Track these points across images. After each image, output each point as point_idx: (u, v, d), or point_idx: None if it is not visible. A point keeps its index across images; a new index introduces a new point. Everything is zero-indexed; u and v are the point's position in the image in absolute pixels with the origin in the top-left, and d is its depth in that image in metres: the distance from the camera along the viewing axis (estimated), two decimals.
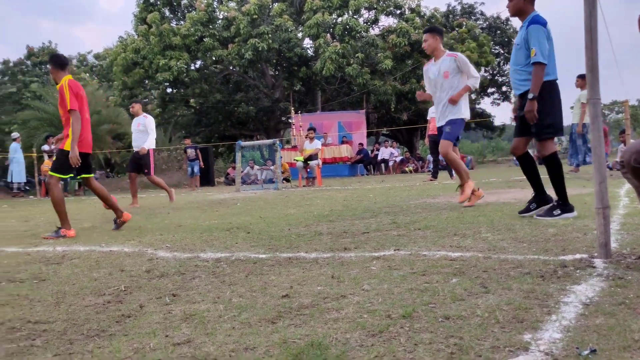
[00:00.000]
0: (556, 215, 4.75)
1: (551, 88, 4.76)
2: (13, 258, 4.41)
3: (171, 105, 29.18)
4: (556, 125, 4.81)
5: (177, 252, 4.19)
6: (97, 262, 3.99)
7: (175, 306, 2.61)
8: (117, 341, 2.14)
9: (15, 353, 2.09)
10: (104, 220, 7.21)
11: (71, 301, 2.84)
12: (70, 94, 5.75)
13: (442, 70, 6.32)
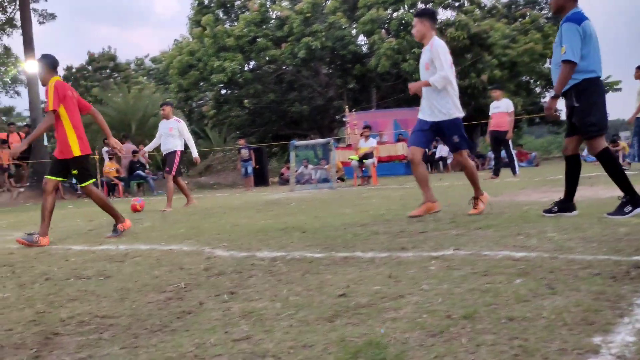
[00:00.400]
0: (627, 213, 4.57)
1: (589, 85, 4.68)
2: (79, 256, 4.58)
3: (225, 106, 29.64)
4: (599, 123, 4.71)
5: (234, 251, 4.25)
6: (158, 260, 4.09)
7: (233, 303, 2.66)
8: (179, 336, 2.21)
9: (85, 345, 2.18)
10: (162, 220, 7.39)
11: (135, 297, 2.94)
12: (54, 95, 5.61)
13: (423, 60, 5.66)
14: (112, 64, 39.18)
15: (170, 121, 9.98)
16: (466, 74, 25.37)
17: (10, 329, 2.49)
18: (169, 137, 9.87)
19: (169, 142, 9.88)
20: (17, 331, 2.45)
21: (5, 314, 2.78)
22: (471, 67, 25.35)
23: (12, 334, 2.41)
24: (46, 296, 3.13)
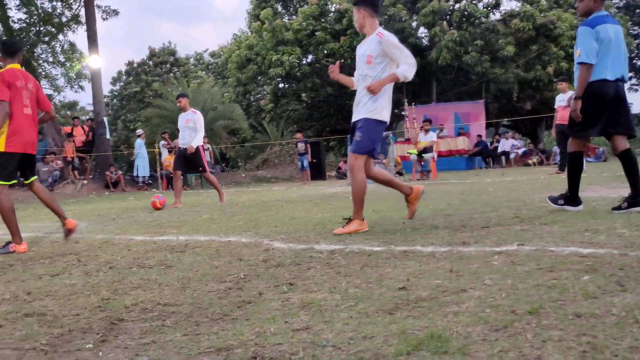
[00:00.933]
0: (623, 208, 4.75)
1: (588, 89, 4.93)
2: (141, 246, 4.72)
3: (283, 100, 29.88)
4: (584, 126, 4.98)
5: (292, 244, 4.30)
6: (217, 251, 4.17)
7: (292, 294, 2.69)
8: (239, 325, 2.25)
9: (148, 331, 2.25)
10: (221, 213, 7.52)
11: (195, 286, 3.01)
12: (1, 84, 5.02)
13: (363, 52, 4.92)
14: (172, 58, 40.04)
15: (187, 113, 9.87)
16: (531, 66, 24.76)
17: (78, 314, 2.59)
18: (186, 130, 9.78)
19: (187, 135, 9.75)
20: (84, 316, 2.55)
21: (72, 299, 2.89)
22: (537, 59, 24.71)
23: (80, 319, 2.51)
24: (110, 284, 3.23)
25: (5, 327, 2.44)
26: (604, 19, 4.96)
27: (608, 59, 4.90)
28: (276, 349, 1.94)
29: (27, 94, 5.25)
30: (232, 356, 1.89)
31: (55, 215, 5.62)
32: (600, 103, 4.93)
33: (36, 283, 3.39)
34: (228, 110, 26.54)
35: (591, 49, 4.84)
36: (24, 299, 2.97)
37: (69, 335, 2.28)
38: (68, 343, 2.18)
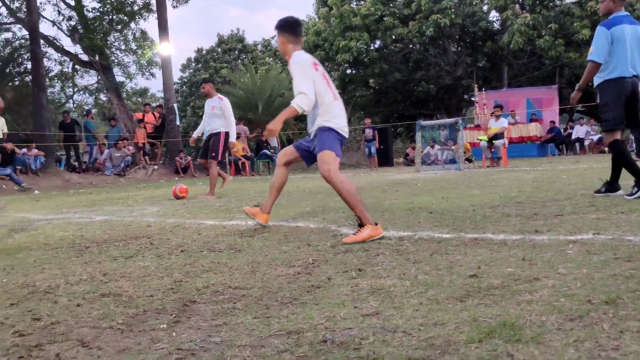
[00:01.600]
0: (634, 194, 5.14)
1: (608, 85, 5.35)
2: (211, 230, 4.84)
3: (350, 86, 29.79)
4: (614, 119, 5.33)
5: None
6: (286, 236, 4.23)
7: (361, 280, 2.70)
8: (309, 309, 2.28)
9: (220, 313, 2.31)
10: (288, 198, 7.60)
11: (265, 270, 3.06)
12: None
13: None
14: (240, 45, 40.52)
15: (213, 99, 9.15)
16: None
17: (152, 295, 2.68)
18: (212, 117, 9.11)
19: (213, 122, 9.08)
20: (157, 297, 2.64)
21: (146, 281, 3.00)
22: None
23: (154, 300, 2.59)
24: (182, 266, 3.33)
25: (84, 307, 2.55)
26: (622, 19, 5.33)
27: (626, 57, 5.25)
28: (346, 333, 1.95)
29: None
30: (303, 339, 1.92)
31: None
32: (622, 97, 5.30)
33: (111, 265, 3.53)
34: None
35: (603, 49, 5.26)
36: (100, 280, 3.09)
37: (144, 315, 2.37)
38: (143, 323, 2.26)
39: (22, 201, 11.10)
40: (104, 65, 22.16)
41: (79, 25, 22.55)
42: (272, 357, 1.78)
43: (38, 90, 19.21)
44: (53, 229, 5.67)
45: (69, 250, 4.19)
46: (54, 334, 2.17)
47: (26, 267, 3.60)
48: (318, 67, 4.50)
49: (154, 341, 2.02)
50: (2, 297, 2.83)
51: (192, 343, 1.97)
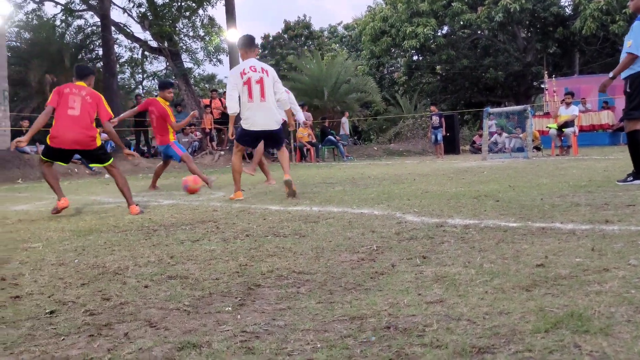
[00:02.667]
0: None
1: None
2: (276, 215, 4.89)
3: (417, 72, 29.47)
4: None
5: (425, 217, 4.26)
6: (350, 222, 4.23)
7: (425, 267, 2.67)
8: (372, 295, 2.27)
9: (284, 298, 2.34)
10: (353, 185, 7.60)
11: (329, 256, 3.07)
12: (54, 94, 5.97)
13: None
14: (306, 32, 40.66)
15: None
16: None
17: (217, 278, 2.73)
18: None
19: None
20: (223, 280, 2.69)
21: (212, 264, 3.06)
22: None
23: (219, 283, 2.65)
24: (247, 250, 3.38)
25: (152, 288, 2.62)
26: None
27: None
28: (410, 320, 1.94)
29: (77, 99, 5.95)
30: (366, 325, 1.92)
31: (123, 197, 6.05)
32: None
33: (178, 248, 3.62)
34: (361, 82, 26.59)
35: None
36: (167, 262, 3.17)
37: (210, 297, 2.42)
38: (209, 305, 2.31)
39: (92, 184, 11.53)
40: (172, 51, 22.65)
41: (148, 12, 23.06)
42: (336, 341, 1.79)
43: (109, 76, 19.84)
44: (122, 212, 5.86)
45: (137, 233, 4.32)
46: (123, 314, 2.25)
47: (97, 249, 3.73)
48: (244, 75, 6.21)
49: (219, 323, 2.06)
50: (74, 277, 2.95)
51: (256, 326, 2.00)
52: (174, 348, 1.83)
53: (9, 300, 2.55)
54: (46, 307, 2.39)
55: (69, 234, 4.47)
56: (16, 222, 5.42)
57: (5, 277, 3.00)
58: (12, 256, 3.62)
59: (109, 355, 1.81)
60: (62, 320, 2.20)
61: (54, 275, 3.01)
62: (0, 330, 2.14)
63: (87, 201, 7.52)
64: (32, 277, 2.98)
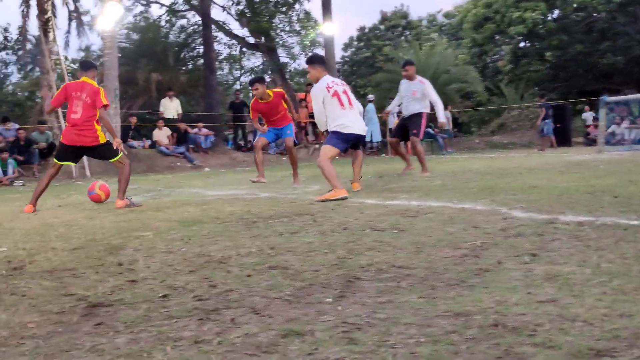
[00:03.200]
0: None
1: None
2: (373, 209, 4.90)
3: (524, 60, 28.56)
4: None
5: (533, 213, 4.14)
6: (450, 217, 4.18)
7: (535, 265, 2.61)
8: (477, 292, 2.25)
9: (384, 291, 2.36)
10: (454, 179, 7.50)
11: (429, 251, 3.06)
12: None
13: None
14: (404, 21, 40.24)
15: (414, 83, 9.00)
16: None
17: (317, 270, 2.79)
18: (411, 101, 9.02)
19: (412, 105, 9.04)
20: (322, 272, 2.74)
21: (311, 256, 3.12)
22: None
23: (319, 275, 2.70)
24: (345, 244, 3.42)
25: (254, 277, 2.72)
26: None
27: None
28: (519, 318, 1.90)
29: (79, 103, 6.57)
30: (471, 322, 1.90)
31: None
32: None
33: (277, 239, 3.71)
34: (462, 72, 26.06)
35: None
36: (268, 253, 3.27)
37: (310, 288, 2.47)
38: (309, 295, 2.36)
39: (194, 177, 11.99)
40: (269, 47, 23.20)
41: (246, 9, 23.75)
42: (440, 337, 1.79)
43: (209, 73, 20.58)
44: (223, 204, 6.06)
45: (238, 225, 4.46)
46: (229, 301, 2.36)
47: (201, 239, 3.90)
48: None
49: (320, 313, 2.11)
50: (182, 264, 3.12)
51: (357, 318, 2.03)
52: (278, 335, 1.90)
53: (126, 283, 2.75)
54: (159, 292, 2.56)
55: (175, 224, 4.69)
56: (128, 212, 5.75)
57: (122, 263, 3.24)
58: (127, 243, 3.87)
59: (218, 338, 1.92)
60: (174, 304, 2.36)
61: (164, 262, 3.20)
62: (121, 310, 2.32)
63: (189, 193, 7.85)
64: (145, 264, 3.19)
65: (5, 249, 3.90)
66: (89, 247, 3.83)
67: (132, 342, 1.93)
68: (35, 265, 3.31)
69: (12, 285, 2.84)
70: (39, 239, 4.29)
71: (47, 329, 2.13)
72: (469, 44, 28.29)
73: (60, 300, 2.50)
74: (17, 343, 1.99)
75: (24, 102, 29.58)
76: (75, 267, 3.18)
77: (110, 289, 2.65)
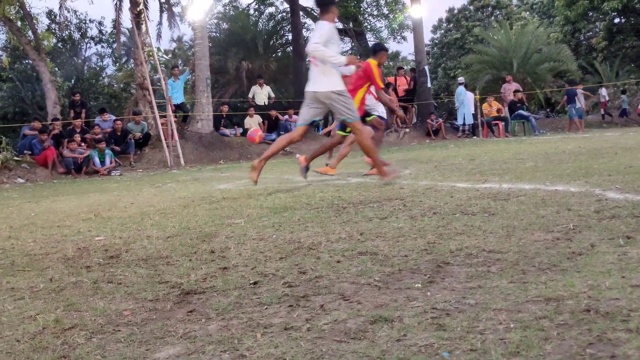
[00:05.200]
0: None
1: None
2: (463, 193, 4.82)
3: (619, 36, 27.08)
4: None
5: (630, 194, 3.94)
6: (543, 200, 4.05)
7: (630, 248, 2.49)
8: (569, 276, 2.18)
9: (474, 276, 2.33)
10: (546, 160, 7.25)
11: (520, 235, 2.98)
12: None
13: None
14: (493, 1, 39.06)
15: None
16: None
17: (406, 255, 2.78)
18: None
19: None
20: (411, 257, 2.73)
21: (400, 241, 3.11)
22: None
23: (408, 260, 2.69)
24: (435, 228, 3.38)
25: (343, 263, 2.74)
26: None
27: None
28: (612, 303, 1.83)
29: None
30: (563, 307, 1.85)
31: None
32: None
33: (367, 225, 3.71)
34: (554, 51, 25.02)
35: None
36: (357, 239, 3.28)
37: (399, 274, 2.47)
38: (398, 281, 2.36)
39: (285, 164, 12.15)
40: (357, 31, 23.13)
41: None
42: (530, 322, 1.75)
43: (298, 59, 20.77)
44: (313, 190, 6.12)
45: (328, 210, 4.50)
46: (318, 287, 2.38)
47: (292, 225, 3.95)
48: None
49: (409, 299, 2.10)
50: (272, 251, 3.17)
51: (446, 303, 2.01)
52: (366, 321, 1.91)
53: (218, 271, 2.82)
54: (250, 278, 2.61)
55: (266, 210, 4.78)
56: (220, 200, 5.90)
57: (214, 250, 3.32)
58: (219, 231, 3.97)
59: (307, 325, 1.94)
60: (265, 291, 2.40)
61: (255, 249, 3.26)
62: (213, 297, 2.39)
63: (280, 179, 7.98)
64: (236, 251, 3.25)
65: (102, 238, 4.08)
66: (183, 235, 3.94)
67: (224, 329, 1.99)
68: (131, 253, 3.44)
69: (109, 273, 2.96)
70: (135, 228, 4.46)
71: (141, 316, 2.22)
72: (561, 21, 27.10)
73: (154, 288, 2.60)
74: (114, 330, 2.08)
75: (119, 93, 30.69)
76: (169, 255, 3.28)
77: (203, 276, 2.72)
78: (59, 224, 4.99)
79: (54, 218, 5.48)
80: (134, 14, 16.69)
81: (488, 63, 24.31)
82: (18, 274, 3.12)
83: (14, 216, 5.96)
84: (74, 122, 15.35)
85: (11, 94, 27.50)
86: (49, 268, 3.20)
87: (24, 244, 4.10)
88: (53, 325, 2.17)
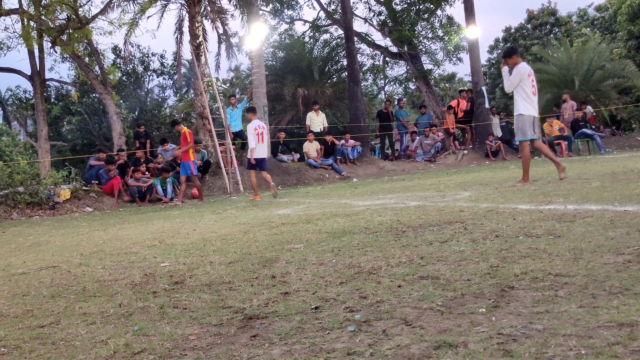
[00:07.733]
0: None
1: None
2: (527, 215, 4.70)
3: None
4: None
5: None
6: (612, 221, 3.91)
7: None
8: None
9: (541, 301, 2.26)
10: (613, 180, 7.01)
11: (589, 258, 2.88)
12: None
13: None
14: (552, 19, 38.44)
15: None
16: None
17: (469, 280, 2.72)
18: None
19: None
20: (474, 282, 2.67)
21: (462, 265, 3.05)
22: None
23: (471, 284, 2.63)
24: (498, 252, 3.31)
25: (405, 288, 2.71)
26: None
27: None
28: None
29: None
30: (637, 332, 1.77)
31: None
32: None
33: (428, 248, 3.67)
34: (618, 67, 24.34)
35: None
36: (418, 263, 3.24)
37: (462, 298, 2.42)
38: (462, 306, 2.31)
39: (342, 188, 12.17)
40: (412, 54, 23.10)
41: (388, 19, 23.89)
42: (602, 348, 1.68)
43: (353, 84, 20.88)
44: (372, 214, 6.10)
45: (387, 234, 4.47)
46: (380, 312, 2.36)
47: (351, 249, 3.94)
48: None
49: (473, 324, 2.06)
50: (333, 275, 3.16)
51: (512, 328, 1.95)
52: (430, 347, 1.88)
53: (280, 296, 2.84)
54: (311, 303, 2.62)
55: (325, 235, 4.79)
56: (280, 225, 5.95)
57: (275, 275, 3.34)
58: (279, 256, 4.00)
59: (370, 350, 1.93)
60: (326, 316, 2.40)
61: (316, 274, 3.27)
62: (275, 322, 2.40)
63: (338, 204, 7.98)
64: (297, 276, 3.27)
65: (167, 264, 4.17)
66: (244, 260, 3.99)
67: (287, 354, 1.99)
68: (194, 279, 3.51)
69: (175, 298, 3.02)
70: (197, 254, 4.54)
71: (207, 340, 2.25)
72: (624, 36, 26.33)
73: (218, 313, 2.63)
74: (181, 354, 2.11)
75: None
76: (231, 280, 3.33)
77: (265, 301, 2.74)
78: (126, 251, 5.13)
79: (121, 245, 5.63)
80: (193, 46, 17.20)
81: (548, 82, 23.83)
82: (89, 299, 3.21)
83: (84, 244, 6.15)
84: (137, 152, 15.83)
85: (80, 126, 28.62)
86: (118, 294, 3.28)
87: (94, 270, 4.23)
88: (123, 349, 2.22)
